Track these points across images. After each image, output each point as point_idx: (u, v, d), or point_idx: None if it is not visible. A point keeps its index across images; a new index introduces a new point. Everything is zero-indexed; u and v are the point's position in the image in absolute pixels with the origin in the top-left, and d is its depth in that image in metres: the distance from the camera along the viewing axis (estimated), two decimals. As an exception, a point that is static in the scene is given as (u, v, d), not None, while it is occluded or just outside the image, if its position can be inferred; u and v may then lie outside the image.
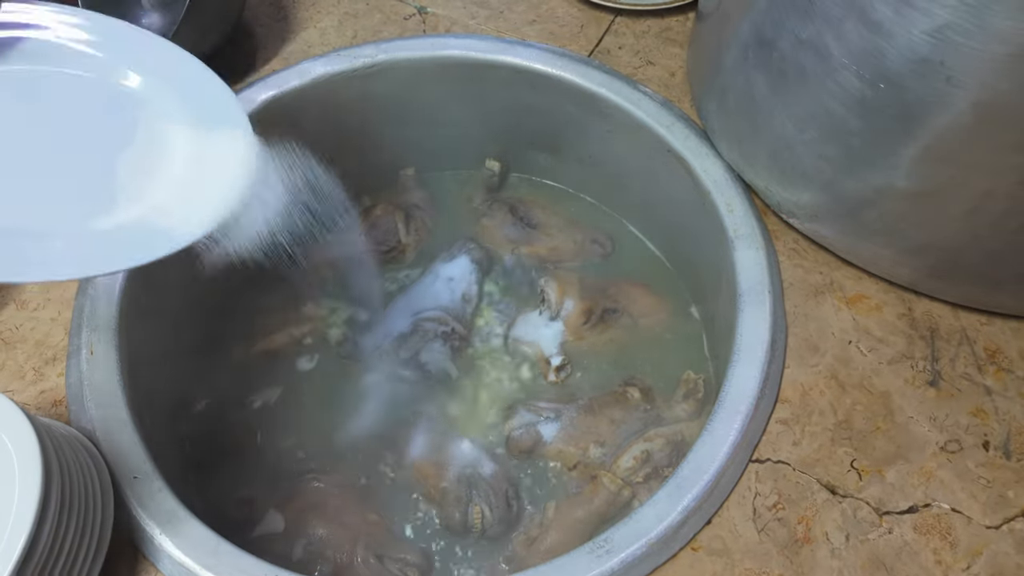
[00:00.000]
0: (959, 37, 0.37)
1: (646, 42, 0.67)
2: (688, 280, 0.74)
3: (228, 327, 0.71)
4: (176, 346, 0.61)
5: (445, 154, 0.82)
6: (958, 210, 0.45)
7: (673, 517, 0.41)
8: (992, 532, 0.42)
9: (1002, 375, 0.48)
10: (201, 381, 0.67)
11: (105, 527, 0.40)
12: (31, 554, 0.34)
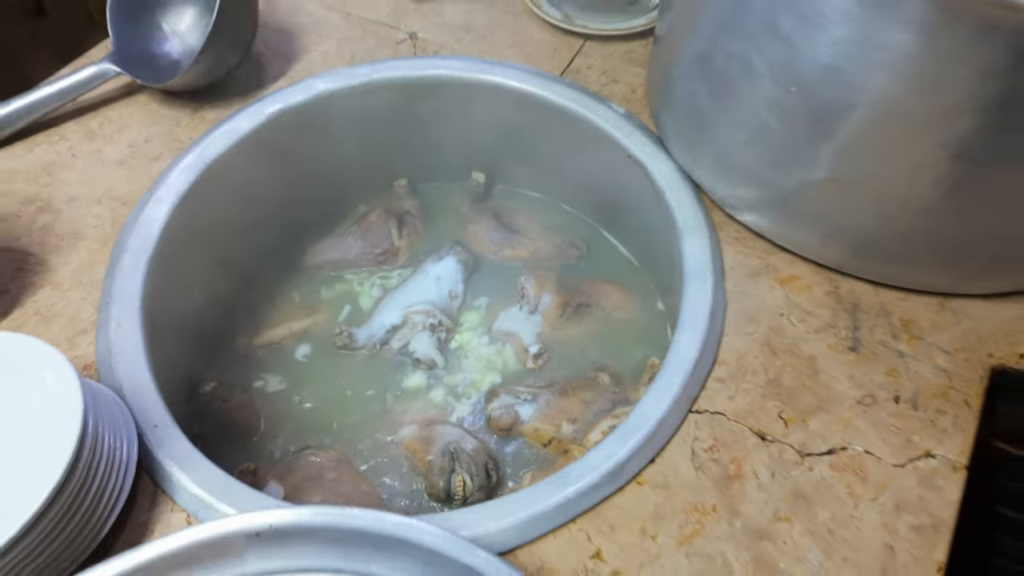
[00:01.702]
0: (852, 47, 0.46)
1: (612, 63, 0.76)
2: (654, 278, 0.82)
3: (235, 319, 0.78)
4: (189, 328, 0.68)
5: (435, 166, 0.90)
6: (867, 196, 0.52)
7: (620, 455, 0.48)
8: (898, 470, 0.49)
9: (914, 341, 0.55)
10: (209, 366, 0.74)
11: (131, 462, 0.46)
12: (71, 473, 0.41)
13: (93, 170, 0.67)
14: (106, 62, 0.71)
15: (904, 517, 0.47)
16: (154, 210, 0.63)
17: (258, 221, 0.78)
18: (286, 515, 0.42)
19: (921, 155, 0.47)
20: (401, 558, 0.42)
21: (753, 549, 0.45)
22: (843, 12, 0.44)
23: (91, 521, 0.43)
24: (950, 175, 0.47)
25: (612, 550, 0.45)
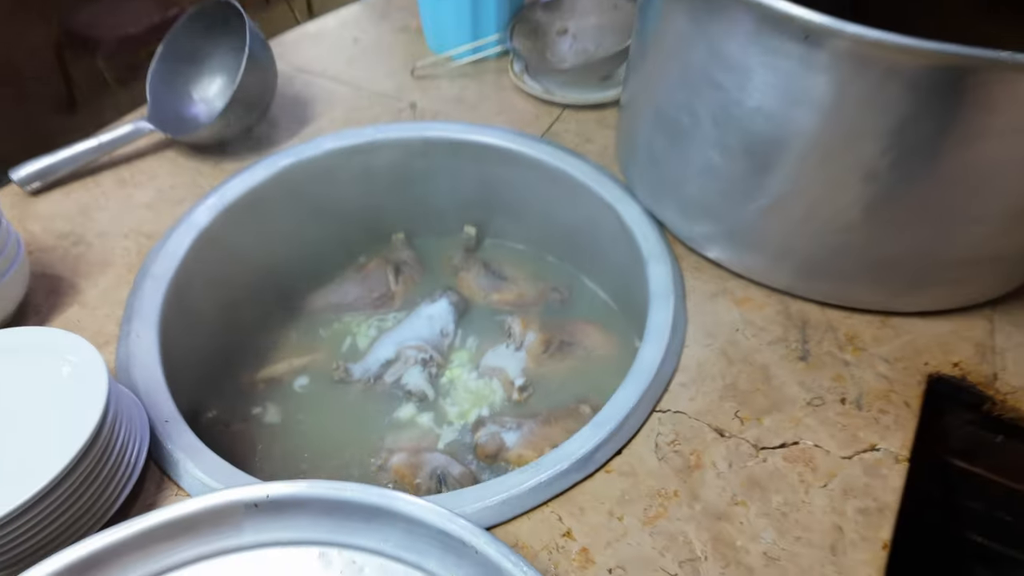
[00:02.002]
0: (776, 91, 0.55)
1: (586, 127, 0.87)
2: (631, 320, 0.88)
3: (238, 353, 0.84)
4: (197, 355, 0.73)
5: (430, 221, 0.99)
6: (802, 219, 0.60)
7: (590, 445, 0.52)
8: (845, 461, 0.53)
9: (858, 352, 0.61)
10: (212, 395, 0.79)
11: (143, 446, 0.51)
12: (95, 441, 0.45)
13: (123, 211, 0.75)
14: (141, 121, 0.81)
15: (851, 501, 0.51)
16: (176, 243, 0.71)
17: (266, 264, 0.85)
18: (282, 487, 0.46)
19: (840, 179, 0.55)
20: (386, 528, 0.46)
21: (712, 529, 0.49)
22: (766, 64, 0.53)
23: (106, 492, 0.47)
24: (863, 196, 0.54)
25: (581, 529, 0.49)
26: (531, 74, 0.96)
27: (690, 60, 0.60)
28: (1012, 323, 0.64)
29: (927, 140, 0.50)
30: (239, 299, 0.83)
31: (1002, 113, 0.48)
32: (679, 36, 0.61)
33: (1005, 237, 0.56)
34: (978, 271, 0.60)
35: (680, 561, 0.47)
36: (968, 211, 0.54)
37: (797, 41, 0.50)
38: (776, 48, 0.52)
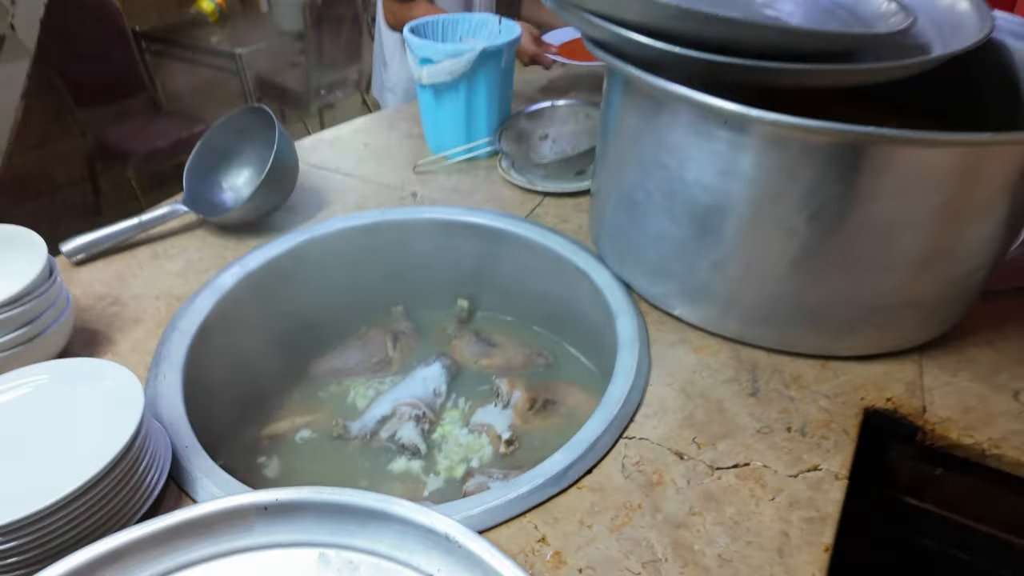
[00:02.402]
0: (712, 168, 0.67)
1: (563, 210, 1.00)
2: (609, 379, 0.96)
3: (246, 410, 0.90)
4: (214, 399, 0.80)
5: (427, 295, 1.09)
6: (742, 272, 0.70)
7: (563, 465, 0.59)
8: (791, 479, 0.59)
9: (802, 390, 0.69)
10: (222, 443, 0.85)
11: (166, 463, 0.57)
12: (129, 448, 0.52)
13: (155, 277, 0.86)
14: (177, 203, 0.93)
15: (797, 512, 0.57)
16: (201, 303, 0.80)
17: (277, 329, 0.94)
18: (289, 492, 0.52)
19: (768, 237, 0.66)
20: (380, 530, 0.52)
21: (672, 535, 0.55)
22: (700, 146, 0.66)
23: (135, 496, 0.53)
24: (788, 250, 0.65)
25: (555, 536, 0.55)
26: (517, 169, 1.10)
27: (642, 149, 0.73)
28: (938, 366, 0.72)
29: (833, 201, 0.62)
30: (250, 359, 0.91)
31: (888, 178, 0.60)
32: (632, 132, 0.74)
33: (913, 285, 0.66)
34: (898, 317, 0.69)
35: (643, 562, 0.53)
36: (875, 261, 0.64)
37: (721, 126, 0.63)
38: (706, 133, 0.65)
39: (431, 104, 1.12)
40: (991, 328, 0.78)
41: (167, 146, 2.46)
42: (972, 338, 0.76)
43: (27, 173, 2.50)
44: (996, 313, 0.80)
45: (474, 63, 1.03)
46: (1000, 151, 0.59)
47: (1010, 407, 0.67)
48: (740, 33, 0.63)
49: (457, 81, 1.05)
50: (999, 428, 0.65)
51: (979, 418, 0.66)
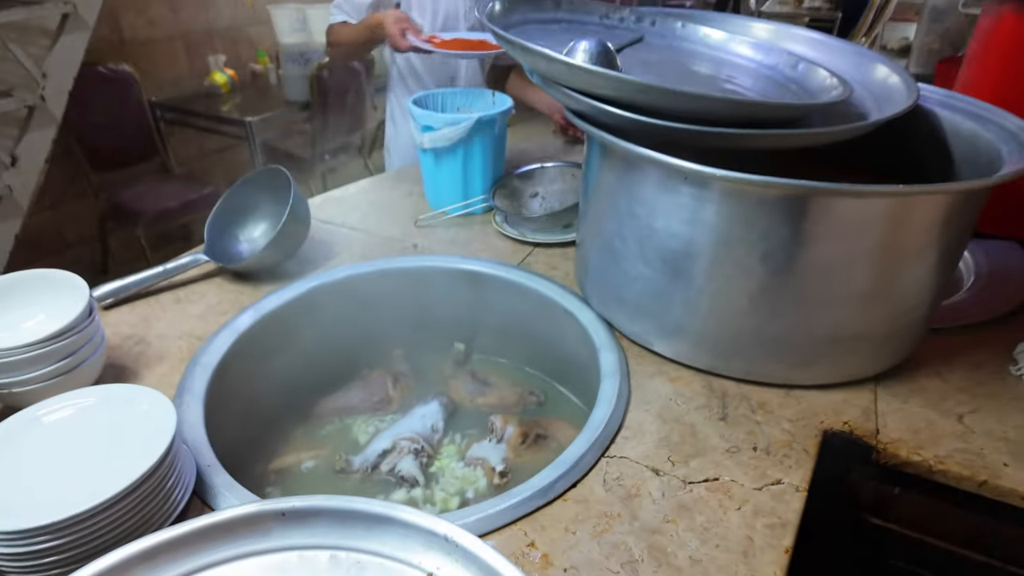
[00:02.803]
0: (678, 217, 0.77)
1: (552, 259, 1.09)
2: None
3: (255, 446, 0.96)
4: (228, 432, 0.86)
5: (426, 339, 1.16)
6: (710, 309, 0.78)
7: (550, 479, 0.65)
8: (756, 491, 0.66)
9: (767, 415, 0.76)
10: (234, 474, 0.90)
11: (191, 479, 0.64)
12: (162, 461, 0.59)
13: (177, 319, 0.93)
14: (199, 253, 1.02)
15: (760, 519, 0.63)
16: (220, 341, 0.88)
17: (286, 368, 1.01)
18: (304, 499, 0.59)
19: (728, 276, 0.75)
20: (385, 534, 0.58)
21: (648, 540, 0.61)
22: (666, 199, 0.76)
23: (165, 505, 0.59)
24: (747, 288, 0.74)
25: (543, 541, 0.61)
26: (509, 223, 1.20)
27: (618, 203, 0.83)
28: (891, 394, 0.80)
29: (783, 244, 0.71)
30: (262, 395, 0.98)
31: (827, 224, 0.69)
32: (609, 188, 0.85)
33: (859, 318, 0.75)
34: (850, 348, 0.77)
35: (622, 563, 0.59)
36: (823, 296, 0.73)
37: (683, 182, 0.73)
38: (671, 188, 0.75)
39: (431, 165, 1.23)
40: (939, 361, 0.86)
41: (177, 207, 2.58)
42: (923, 369, 0.84)
43: (40, 233, 2.61)
44: (944, 348, 0.88)
45: (470, 130, 1.15)
46: (919, 201, 0.69)
47: (955, 429, 0.75)
48: (700, 105, 0.74)
49: (455, 145, 1.17)
50: (944, 447, 0.72)
51: (927, 438, 0.73)
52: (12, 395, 0.71)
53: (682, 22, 1.08)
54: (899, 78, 0.91)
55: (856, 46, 1.02)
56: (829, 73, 0.92)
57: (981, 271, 1.06)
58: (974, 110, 0.87)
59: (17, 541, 0.54)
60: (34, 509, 0.54)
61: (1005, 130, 0.80)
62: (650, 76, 0.90)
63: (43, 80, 1.86)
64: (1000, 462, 0.70)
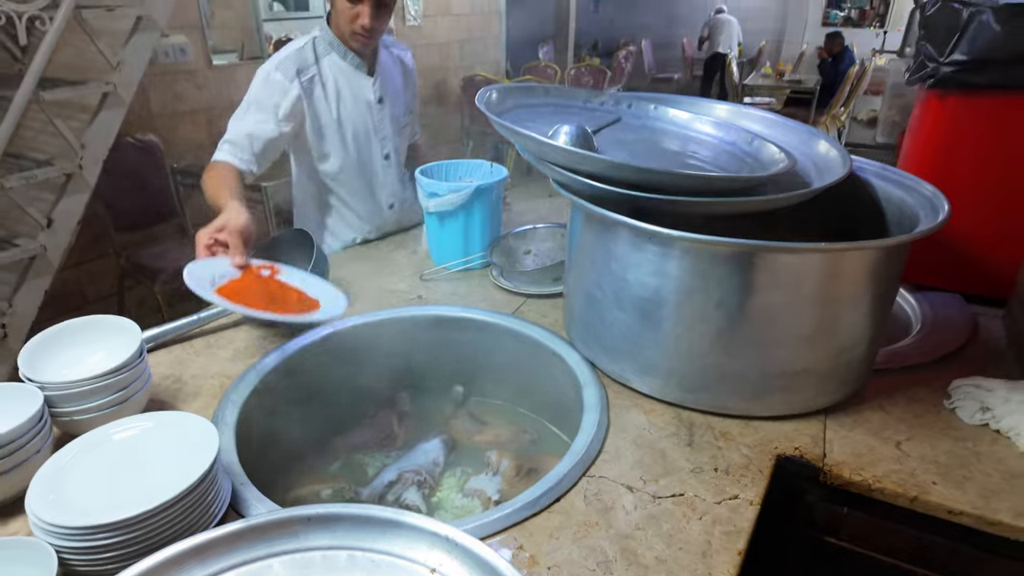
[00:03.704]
0: (649, 270, 0.90)
1: (543, 308, 1.22)
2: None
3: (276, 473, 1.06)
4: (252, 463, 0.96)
5: (428, 383, 1.28)
6: (676, 349, 0.90)
7: (537, 494, 0.76)
8: (716, 504, 0.76)
9: (728, 441, 0.87)
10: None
11: (227, 493, 0.74)
12: (206, 475, 0.70)
13: (209, 361, 1.05)
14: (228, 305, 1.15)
15: (718, 527, 0.73)
16: (248, 380, 1.00)
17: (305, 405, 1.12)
18: (328, 507, 0.69)
19: (690, 321, 0.87)
20: (396, 537, 0.68)
21: (621, 544, 0.71)
22: (636, 255, 0.89)
23: (208, 512, 0.69)
24: (707, 331, 0.86)
25: (530, 544, 0.71)
26: (505, 277, 1.34)
27: (596, 259, 0.96)
28: (839, 424, 0.91)
29: (734, 293, 0.84)
30: (281, 431, 1.08)
31: (770, 275, 0.83)
32: (589, 246, 0.98)
33: (804, 357, 0.87)
34: (799, 383, 0.89)
35: (598, 563, 0.69)
36: (771, 338, 0.85)
37: (648, 241, 0.87)
38: (640, 246, 0.88)
39: (436, 227, 1.38)
40: (883, 397, 0.97)
41: (193, 265, 2.73)
42: (868, 404, 0.96)
43: (63, 289, 2.75)
44: (888, 386, 0.99)
45: (471, 196, 1.30)
46: (845, 256, 0.82)
47: (892, 453, 0.85)
48: (662, 178, 0.89)
49: (457, 209, 1.32)
50: (882, 468, 0.83)
51: (867, 461, 0.84)
52: (72, 422, 0.82)
53: (654, 105, 1.25)
54: (837, 152, 1.07)
55: (803, 124, 1.18)
56: (778, 148, 1.07)
57: (926, 319, 1.19)
58: (900, 179, 1.02)
59: (80, 536, 0.64)
60: (96, 510, 0.65)
61: (923, 196, 0.95)
62: (623, 153, 1.06)
63: (81, 151, 2.04)
64: (930, 481, 0.81)
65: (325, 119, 1.45)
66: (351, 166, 1.52)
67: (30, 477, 0.70)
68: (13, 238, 2.02)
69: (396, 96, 1.55)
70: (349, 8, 1.35)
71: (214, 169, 1.34)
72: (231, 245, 1.03)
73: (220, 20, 3.61)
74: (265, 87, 1.38)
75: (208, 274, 0.96)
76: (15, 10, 1.78)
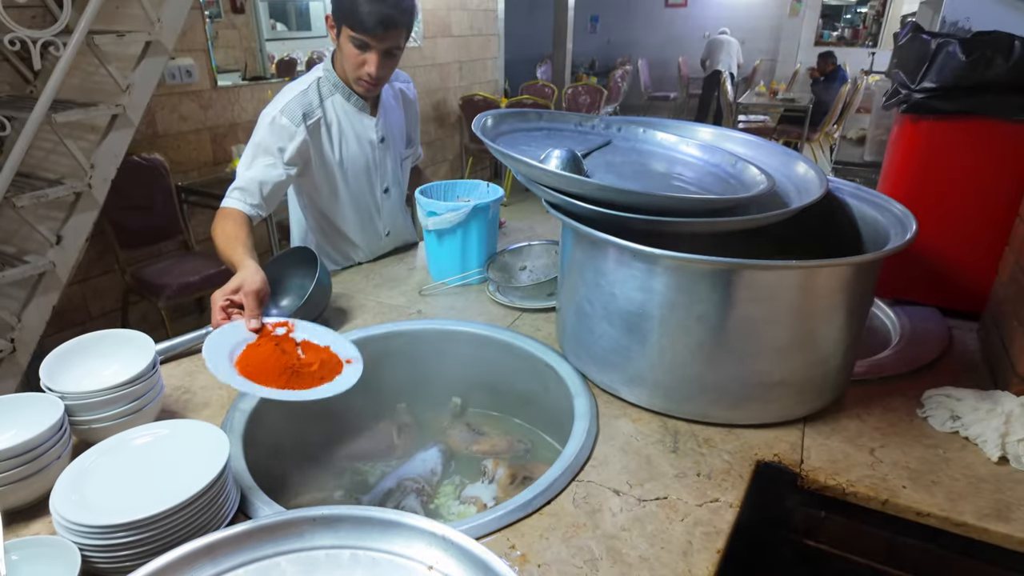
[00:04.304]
0: (635, 286, 0.95)
1: (537, 322, 1.27)
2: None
3: (280, 481, 1.10)
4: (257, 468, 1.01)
5: (427, 394, 1.32)
6: (661, 360, 0.95)
7: (529, 498, 0.80)
8: (696, 506, 0.81)
9: (711, 448, 0.92)
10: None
11: (236, 499, 0.79)
12: (217, 479, 0.74)
13: (218, 374, 1.10)
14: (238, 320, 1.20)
15: (699, 528, 0.78)
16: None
17: (304, 419, 1.17)
18: (332, 509, 0.74)
19: (673, 334, 0.92)
20: (395, 536, 0.73)
21: (607, 544, 0.75)
22: (623, 272, 0.95)
23: (218, 515, 0.74)
24: (688, 343, 0.91)
25: (522, 544, 0.75)
26: (501, 292, 1.39)
27: (585, 275, 1.02)
28: (816, 432, 0.96)
29: (714, 307, 0.89)
30: (285, 441, 1.13)
31: (748, 290, 0.88)
32: (579, 263, 1.04)
33: (781, 368, 0.92)
34: (777, 393, 0.94)
35: (585, 561, 0.73)
36: (749, 350, 0.90)
37: (634, 259, 0.92)
38: (626, 263, 0.94)
39: (435, 244, 1.43)
40: (860, 406, 1.02)
41: (197, 281, 2.79)
42: (845, 413, 1.00)
43: (67, 305, 2.80)
44: (865, 396, 1.04)
45: (468, 215, 1.35)
46: (816, 272, 0.88)
47: (866, 459, 0.90)
48: (646, 200, 0.94)
49: (455, 227, 1.37)
50: (856, 473, 0.87)
51: (842, 467, 0.89)
52: (90, 430, 0.87)
53: (643, 128, 1.31)
54: (814, 172, 1.13)
55: (782, 147, 1.24)
56: (759, 170, 1.13)
57: (904, 332, 1.24)
58: (873, 199, 1.08)
59: (101, 535, 0.69)
60: (116, 511, 0.69)
61: (894, 215, 1.01)
62: (612, 175, 1.12)
63: (91, 170, 2.11)
64: (900, 485, 0.85)
65: (328, 159, 1.49)
66: (350, 200, 1.56)
67: (51, 482, 0.75)
68: (23, 255, 2.07)
69: (398, 134, 1.60)
70: (357, 55, 1.35)
71: (225, 220, 1.32)
72: (247, 307, 1.06)
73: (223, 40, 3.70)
74: (271, 132, 1.39)
75: (226, 345, 0.98)
76: (30, 36, 1.85)
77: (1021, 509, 0.81)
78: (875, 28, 8.80)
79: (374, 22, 1.28)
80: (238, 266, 1.16)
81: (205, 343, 0.96)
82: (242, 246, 1.22)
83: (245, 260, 1.16)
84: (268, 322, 1.07)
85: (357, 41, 1.32)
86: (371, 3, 1.26)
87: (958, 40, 1.11)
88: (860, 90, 5.39)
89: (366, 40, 1.31)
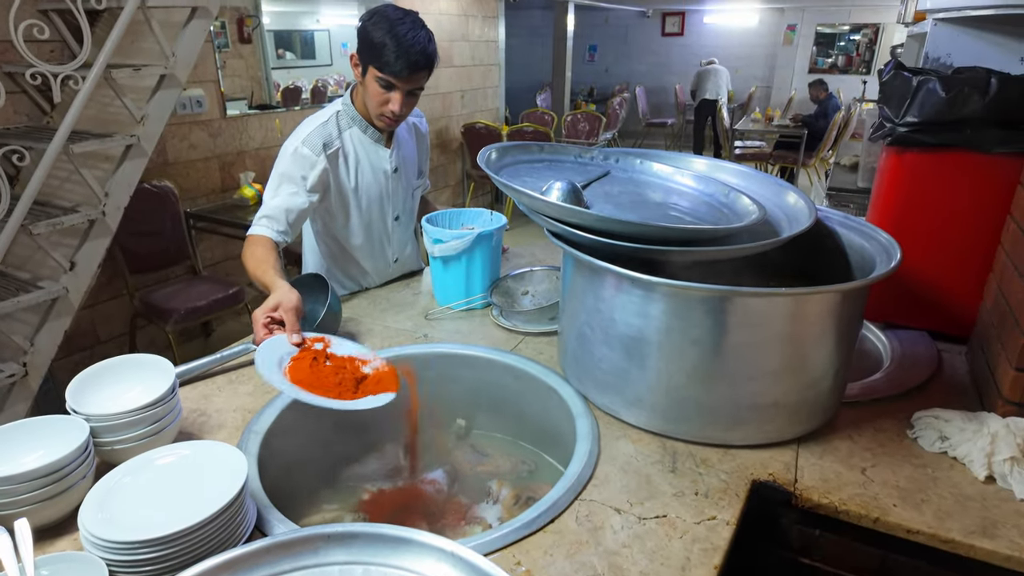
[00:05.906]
0: (633, 311, 1.00)
1: (539, 345, 1.31)
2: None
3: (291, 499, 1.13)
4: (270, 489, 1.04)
5: (433, 416, 1.36)
6: (659, 383, 0.99)
7: (533, 516, 0.84)
8: (695, 524, 0.84)
9: (708, 468, 0.95)
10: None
11: (253, 517, 0.82)
12: (236, 498, 0.78)
13: (231, 396, 1.14)
14: (248, 343, 1.24)
15: (697, 544, 0.81)
16: (269, 413, 1.08)
17: (313, 441, 1.20)
18: (345, 526, 0.77)
19: (670, 357, 0.97)
20: (406, 553, 0.76)
21: (609, 560, 0.79)
22: (622, 298, 0.99)
23: (236, 532, 0.77)
24: (684, 367, 0.96)
25: (527, 560, 0.78)
26: (504, 316, 1.43)
27: (586, 301, 1.06)
28: (809, 452, 0.99)
29: (708, 332, 0.94)
30: (297, 462, 1.16)
31: (741, 316, 0.92)
32: (579, 290, 1.08)
33: (774, 390, 0.96)
34: (771, 414, 0.98)
35: (587, 576, 0.76)
36: (743, 373, 0.94)
37: (632, 285, 0.97)
38: (625, 290, 0.98)
39: (440, 270, 1.48)
40: (852, 427, 1.06)
41: (205, 305, 2.83)
42: (837, 434, 1.04)
43: (75, 331, 2.84)
44: (857, 417, 1.08)
45: (472, 242, 1.41)
46: (808, 299, 0.92)
47: (857, 479, 0.94)
48: (642, 230, 0.99)
49: (460, 254, 1.42)
50: (847, 492, 0.91)
51: (834, 486, 0.92)
52: (112, 451, 0.91)
53: (640, 159, 1.37)
54: (804, 203, 1.18)
55: (773, 177, 1.30)
56: (751, 200, 1.19)
57: (895, 355, 1.28)
58: (860, 228, 1.13)
59: (126, 550, 0.72)
60: (141, 527, 0.73)
61: (880, 243, 1.06)
62: (610, 205, 1.17)
63: (105, 198, 2.17)
64: (891, 503, 0.89)
65: (344, 186, 1.55)
66: (363, 228, 1.62)
67: (77, 500, 0.78)
68: (37, 280, 2.12)
69: (410, 165, 1.67)
70: (381, 94, 1.40)
71: (255, 246, 1.40)
72: (288, 323, 1.13)
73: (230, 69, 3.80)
74: (293, 162, 1.46)
75: (274, 356, 1.04)
76: (51, 71, 1.92)
77: (1006, 526, 0.84)
78: (868, 55, 8.97)
79: (402, 66, 1.34)
80: (271, 287, 1.24)
81: (256, 356, 1.02)
82: (272, 269, 1.30)
83: (277, 281, 1.24)
84: (306, 336, 1.13)
85: (383, 82, 1.38)
86: (400, 48, 1.32)
87: (938, 77, 1.17)
88: (854, 117, 5.50)
89: (392, 81, 1.38)
